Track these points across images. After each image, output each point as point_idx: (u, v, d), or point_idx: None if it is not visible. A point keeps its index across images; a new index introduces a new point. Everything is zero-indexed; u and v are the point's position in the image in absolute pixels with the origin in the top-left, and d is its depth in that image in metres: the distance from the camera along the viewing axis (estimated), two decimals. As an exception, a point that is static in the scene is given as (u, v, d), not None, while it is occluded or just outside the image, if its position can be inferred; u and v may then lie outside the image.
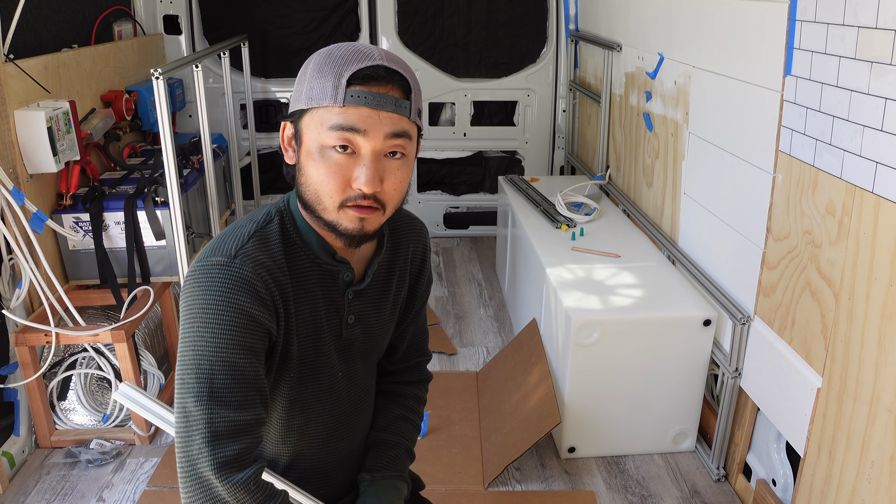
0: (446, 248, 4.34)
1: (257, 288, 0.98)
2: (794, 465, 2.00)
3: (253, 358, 0.97)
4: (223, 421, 0.94)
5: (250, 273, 0.98)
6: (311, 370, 1.10)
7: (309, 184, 1.00)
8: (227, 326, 0.95)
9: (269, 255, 1.01)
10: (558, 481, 2.30)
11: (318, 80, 0.97)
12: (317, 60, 0.99)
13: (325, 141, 0.97)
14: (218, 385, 0.94)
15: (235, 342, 0.95)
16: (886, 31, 1.46)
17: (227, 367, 0.95)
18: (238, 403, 0.95)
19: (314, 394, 1.12)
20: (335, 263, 1.08)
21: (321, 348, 1.09)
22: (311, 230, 1.06)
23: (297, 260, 1.05)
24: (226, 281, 0.96)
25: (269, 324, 1.00)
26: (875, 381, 1.54)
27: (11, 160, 2.29)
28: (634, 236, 2.91)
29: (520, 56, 4.23)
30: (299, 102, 0.99)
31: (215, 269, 0.97)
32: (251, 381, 0.97)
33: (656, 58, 2.77)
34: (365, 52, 0.98)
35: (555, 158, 4.41)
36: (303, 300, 1.05)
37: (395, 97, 0.97)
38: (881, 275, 1.51)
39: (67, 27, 2.93)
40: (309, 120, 0.98)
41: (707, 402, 2.44)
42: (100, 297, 2.59)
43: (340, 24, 4.11)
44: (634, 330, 2.26)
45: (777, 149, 1.92)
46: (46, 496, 2.22)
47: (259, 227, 1.04)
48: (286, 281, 1.03)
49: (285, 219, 1.06)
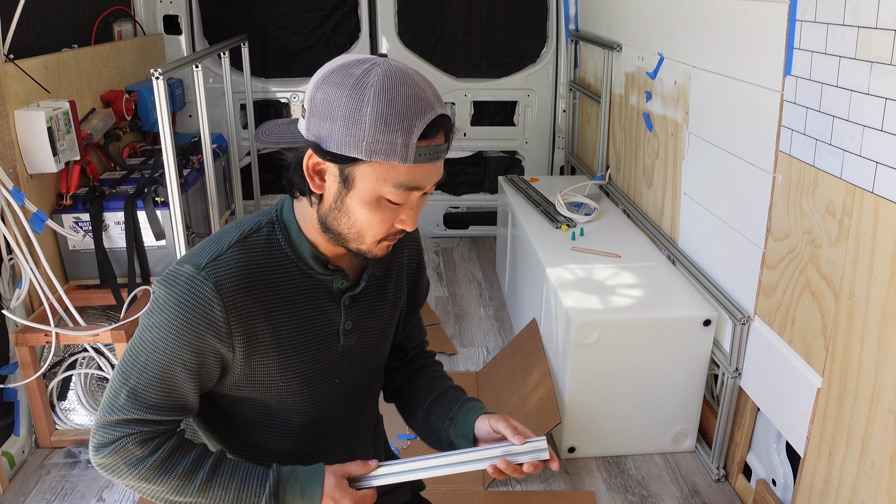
0: (446, 248, 4.34)
1: (212, 307, 0.98)
2: (794, 465, 2.00)
3: (185, 371, 1.00)
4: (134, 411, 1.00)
5: (209, 291, 0.98)
6: (301, 378, 1.09)
7: (353, 225, 1.00)
8: (171, 336, 0.99)
9: (245, 265, 1.01)
10: (558, 481, 2.30)
11: (385, 134, 0.91)
12: (378, 107, 0.91)
13: (384, 194, 0.96)
14: (144, 382, 1.00)
15: (174, 354, 0.99)
16: (886, 31, 1.46)
17: (158, 371, 1.00)
18: (154, 404, 1.01)
19: (308, 400, 1.12)
20: (328, 272, 1.07)
21: (310, 357, 1.09)
22: (305, 241, 1.05)
23: (281, 271, 1.04)
24: (184, 293, 0.98)
25: (215, 343, 1.00)
26: (875, 381, 1.54)
27: (11, 160, 2.29)
28: (634, 236, 2.91)
29: (520, 56, 4.23)
30: (355, 149, 0.92)
31: (181, 278, 0.99)
32: (174, 388, 1.01)
33: (656, 58, 2.77)
34: (424, 98, 0.94)
35: (555, 158, 4.41)
36: (283, 310, 1.04)
37: (445, 144, 0.97)
38: (881, 275, 1.51)
39: (67, 27, 2.93)
40: (368, 171, 0.94)
41: (707, 402, 2.44)
42: (100, 297, 2.59)
43: (340, 24, 4.11)
44: (634, 330, 2.26)
45: (777, 149, 1.92)
46: (46, 496, 2.22)
47: (243, 236, 1.03)
48: (261, 292, 1.02)
49: (276, 229, 1.05)
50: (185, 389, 1.02)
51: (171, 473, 1.02)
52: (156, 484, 1.02)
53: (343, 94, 0.92)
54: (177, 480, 1.02)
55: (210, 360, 1.02)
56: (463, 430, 1.15)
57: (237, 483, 1.04)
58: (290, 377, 1.08)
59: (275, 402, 1.10)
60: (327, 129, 0.93)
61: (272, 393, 1.08)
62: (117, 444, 1.00)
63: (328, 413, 1.15)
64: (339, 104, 0.92)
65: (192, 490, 1.03)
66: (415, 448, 2.43)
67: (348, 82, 0.92)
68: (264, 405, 1.10)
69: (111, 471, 1.02)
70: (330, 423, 1.16)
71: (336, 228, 1.01)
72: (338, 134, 0.93)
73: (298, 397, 1.10)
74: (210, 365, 1.02)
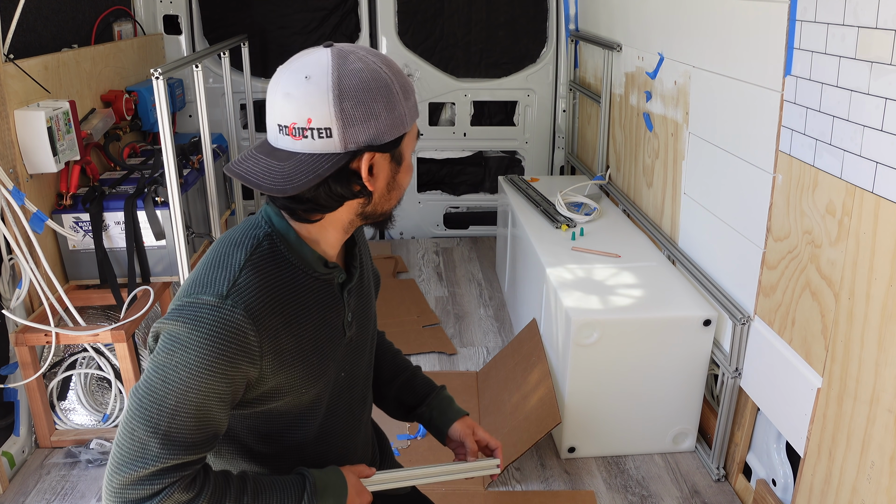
0: (446, 248, 4.34)
1: (247, 334, 0.95)
2: (794, 465, 2.00)
3: (220, 404, 0.97)
4: (173, 458, 0.94)
5: (241, 318, 0.94)
6: (321, 380, 1.10)
7: (399, 194, 1.08)
8: (205, 372, 0.93)
9: (265, 285, 0.99)
10: (558, 481, 2.30)
11: (410, 98, 1.01)
12: (398, 81, 0.98)
13: (414, 149, 1.07)
14: (177, 425, 0.93)
15: (208, 389, 0.94)
16: (886, 31, 1.46)
17: (193, 410, 0.94)
18: (193, 443, 0.95)
19: (321, 398, 1.12)
20: (329, 271, 1.08)
21: (326, 356, 1.09)
22: (305, 245, 1.05)
23: (292, 280, 1.03)
24: (214, 325, 0.93)
25: (250, 371, 0.98)
26: (875, 381, 1.54)
27: (11, 160, 2.29)
28: (634, 236, 2.91)
29: (520, 56, 4.23)
30: (402, 127, 0.99)
31: (205, 310, 0.94)
32: (211, 422, 0.97)
33: (656, 58, 2.77)
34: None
35: (555, 158, 4.41)
36: (302, 318, 1.04)
37: None
38: (881, 275, 1.51)
39: (67, 27, 2.93)
40: (408, 139, 1.03)
41: (707, 402, 2.44)
42: (100, 297, 2.59)
43: (340, 24, 4.11)
44: (634, 330, 2.26)
45: (777, 149, 1.92)
46: (46, 496, 2.22)
47: (249, 255, 1.00)
48: (283, 307, 1.01)
49: (275, 241, 1.03)
50: (218, 420, 0.98)
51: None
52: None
53: (372, 89, 0.95)
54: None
55: (239, 386, 0.99)
56: (439, 424, 1.34)
57: (278, 496, 1.04)
58: (311, 381, 1.08)
59: (292, 409, 1.09)
60: (374, 126, 0.96)
61: (294, 399, 1.07)
62: (162, 496, 0.93)
63: (337, 406, 1.16)
64: (376, 99, 0.95)
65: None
66: (415, 448, 2.43)
67: (365, 77, 0.95)
68: (280, 413, 1.09)
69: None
70: (339, 415, 1.17)
71: (387, 209, 1.08)
72: (385, 123, 0.97)
73: (315, 395, 1.10)
74: (238, 391, 0.99)
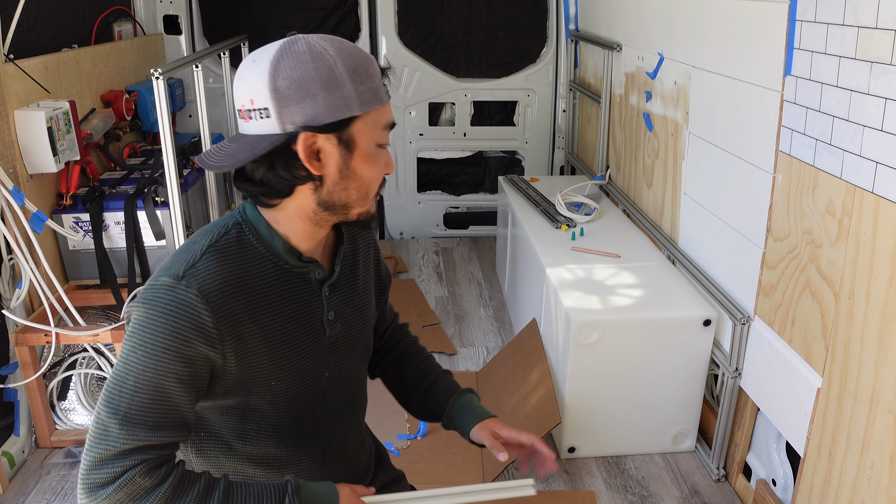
0: (446, 248, 4.34)
1: (200, 314, 0.96)
2: (794, 465, 2.00)
3: (179, 384, 0.96)
4: (133, 439, 0.93)
5: (194, 298, 0.96)
6: (294, 374, 1.08)
7: (362, 185, 1.03)
8: (160, 350, 0.94)
9: (224, 269, 1.00)
10: (558, 481, 2.30)
11: (363, 83, 0.98)
12: (345, 63, 0.96)
13: (380, 140, 1.02)
14: (137, 405, 0.94)
15: (165, 369, 0.95)
16: (886, 31, 1.46)
17: (151, 391, 0.94)
18: (153, 424, 0.95)
19: (301, 396, 1.11)
20: (303, 265, 1.08)
21: (299, 351, 1.08)
22: (277, 236, 1.05)
23: (259, 269, 1.03)
24: (167, 304, 0.95)
25: (206, 351, 0.97)
26: (875, 381, 1.54)
27: (11, 160, 2.29)
28: (634, 236, 2.91)
29: (520, 56, 4.23)
30: (347, 109, 0.97)
31: (161, 291, 0.96)
32: (172, 405, 0.96)
33: (656, 58, 2.77)
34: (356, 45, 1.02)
35: (555, 158, 4.41)
36: (268, 308, 1.04)
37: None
38: (881, 275, 1.51)
39: (67, 27, 2.93)
40: (362, 125, 0.99)
41: (707, 402, 2.44)
42: (100, 297, 2.59)
43: (340, 24, 4.11)
44: (634, 330, 2.26)
45: (777, 149, 1.92)
46: (46, 496, 2.22)
47: (213, 240, 1.02)
48: (245, 293, 1.01)
49: (244, 229, 1.04)
50: (181, 405, 0.97)
51: (184, 498, 0.95)
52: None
53: (309, 69, 0.95)
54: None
55: (201, 370, 0.98)
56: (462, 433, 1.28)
57: (253, 499, 0.99)
58: (281, 375, 1.07)
59: (268, 405, 1.08)
60: (310, 106, 0.95)
61: (265, 394, 1.07)
62: (122, 480, 0.92)
63: (321, 408, 1.14)
64: (311, 78, 0.95)
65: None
66: (415, 447, 2.43)
67: (304, 58, 0.96)
68: (257, 409, 1.08)
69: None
70: (322, 416, 1.15)
71: (344, 199, 1.03)
72: (324, 104, 0.96)
73: (291, 394, 1.09)
74: (201, 375, 0.99)
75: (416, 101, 4.21)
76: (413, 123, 4.25)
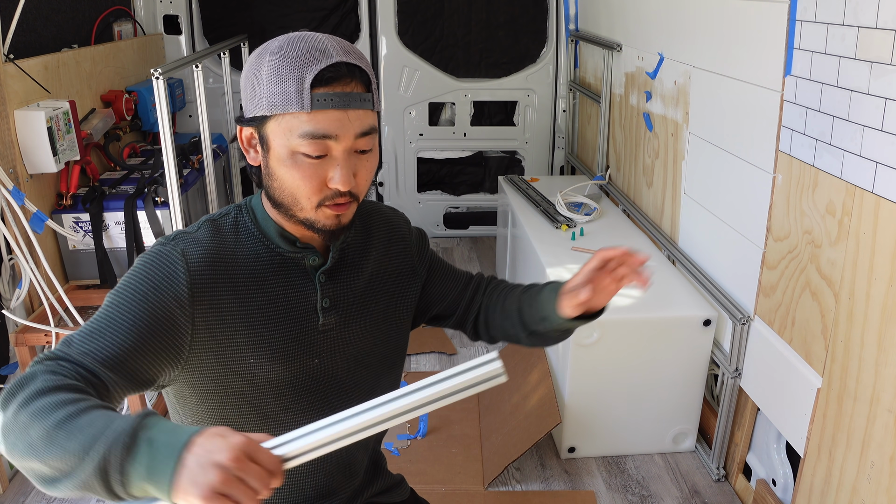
0: (446, 248, 4.34)
1: (176, 269, 0.99)
2: (794, 465, 2.00)
3: (132, 328, 0.94)
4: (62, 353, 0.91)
5: (176, 256, 1.00)
6: (274, 355, 1.07)
7: (283, 187, 1.01)
8: (128, 291, 0.97)
9: (213, 242, 1.04)
10: (558, 481, 2.30)
11: (279, 84, 0.94)
12: (272, 62, 0.95)
13: (295, 147, 0.96)
14: (82, 334, 0.93)
15: (130, 310, 0.95)
16: (886, 31, 1.46)
17: (101, 323, 0.94)
18: (83, 352, 0.91)
19: (284, 380, 1.09)
20: (297, 250, 1.08)
21: (283, 333, 1.07)
22: (271, 221, 1.08)
23: (250, 249, 1.07)
24: (151, 257, 1.01)
25: (172, 307, 0.97)
26: (875, 381, 1.54)
27: (11, 160, 2.29)
28: (634, 236, 2.91)
29: (520, 56, 4.23)
30: (259, 108, 0.97)
31: (153, 248, 1.03)
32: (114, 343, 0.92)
33: (656, 58, 2.77)
34: (321, 48, 0.95)
35: (555, 158, 4.41)
36: (252, 286, 1.05)
37: (360, 93, 0.97)
38: (881, 275, 1.51)
39: (67, 27, 2.93)
40: (275, 126, 0.97)
41: (707, 402, 2.44)
42: (100, 297, 2.59)
43: (340, 24, 4.11)
44: (634, 330, 2.26)
45: (777, 149, 1.92)
46: (46, 496, 2.22)
47: (212, 218, 1.08)
48: (229, 267, 1.04)
49: (243, 212, 1.09)
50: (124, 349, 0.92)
51: (43, 411, 0.80)
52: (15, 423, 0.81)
53: (250, 64, 1.00)
54: (49, 399, 0.81)
55: (162, 327, 0.96)
56: (552, 317, 1.21)
57: (91, 432, 0.77)
58: (260, 352, 1.06)
59: (248, 383, 1.06)
60: (245, 98, 1.01)
61: (243, 370, 1.05)
62: (24, 376, 0.86)
63: (308, 395, 1.12)
64: (249, 72, 0.99)
65: (39, 434, 0.78)
66: (415, 448, 2.43)
67: (256, 52, 1.00)
68: (238, 389, 1.06)
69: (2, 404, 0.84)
70: (311, 404, 1.12)
71: (276, 197, 1.03)
72: (248, 98, 0.99)
73: (273, 375, 1.07)
74: (160, 333, 0.96)
75: (416, 101, 4.21)
76: (413, 123, 4.25)
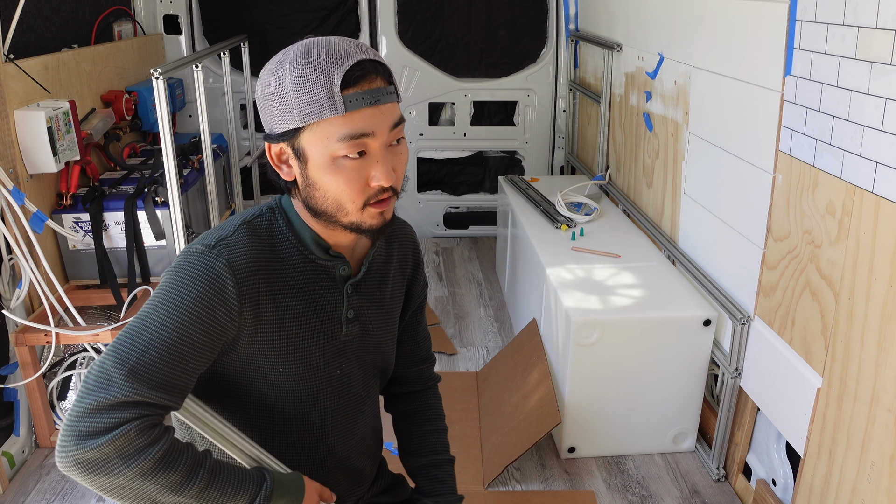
0: (446, 248, 4.34)
1: (225, 283, 0.97)
2: (794, 465, 2.00)
3: (192, 350, 0.95)
4: (136, 393, 0.90)
5: (222, 266, 0.98)
6: (303, 365, 1.08)
7: (327, 196, 1.01)
8: (181, 312, 0.95)
9: (253, 246, 1.02)
10: (558, 481, 2.30)
11: (307, 93, 0.95)
12: (294, 72, 0.95)
13: (335, 152, 0.97)
14: (145, 361, 0.92)
15: (182, 332, 0.94)
16: (886, 31, 1.46)
17: (164, 350, 0.93)
18: (158, 383, 0.92)
19: (307, 389, 1.10)
20: (330, 258, 1.08)
21: (312, 342, 1.08)
22: (306, 227, 1.07)
23: (285, 254, 1.06)
24: (196, 268, 0.97)
25: (225, 321, 0.98)
26: (875, 381, 1.54)
27: (11, 160, 2.29)
28: (634, 236, 2.91)
29: (520, 56, 4.23)
30: (290, 121, 0.97)
31: (192, 257, 0.99)
32: (179, 368, 0.94)
33: (656, 58, 2.77)
34: (339, 50, 0.97)
35: (555, 158, 4.41)
36: (288, 293, 1.05)
37: (385, 87, 0.99)
38: (881, 275, 1.51)
39: (67, 27, 2.93)
40: (310, 136, 0.98)
41: (707, 402, 2.44)
42: (100, 297, 2.59)
43: (340, 24, 4.11)
44: (634, 330, 2.26)
45: (777, 149, 1.92)
46: (46, 496, 2.22)
47: (247, 219, 1.06)
48: (269, 274, 1.03)
49: (276, 215, 1.07)
50: (187, 371, 0.95)
51: (173, 468, 0.91)
52: (152, 481, 0.90)
53: (269, 80, 0.99)
54: (178, 475, 0.92)
55: (216, 341, 0.98)
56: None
57: (234, 484, 0.97)
58: (291, 362, 1.07)
59: (273, 390, 1.08)
60: (270, 115, 1.00)
61: (272, 378, 1.07)
62: (118, 432, 0.87)
63: (328, 403, 1.14)
64: (270, 88, 0.99)
65: (191, 488, 0.93)
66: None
67: (271, 67, 1.00)
68: (262, 394, 1.08)
69: (99, 467, 0.87)
70: (329, 413, 1.15)
71: (319, 207, 1.03)
72: (275, 114, 0.99)
73: (297, 384, 1.09)
74: (214, 346, 0.98)
75: (416, 101, 4.21)
76: (413, 123, 4.25)
